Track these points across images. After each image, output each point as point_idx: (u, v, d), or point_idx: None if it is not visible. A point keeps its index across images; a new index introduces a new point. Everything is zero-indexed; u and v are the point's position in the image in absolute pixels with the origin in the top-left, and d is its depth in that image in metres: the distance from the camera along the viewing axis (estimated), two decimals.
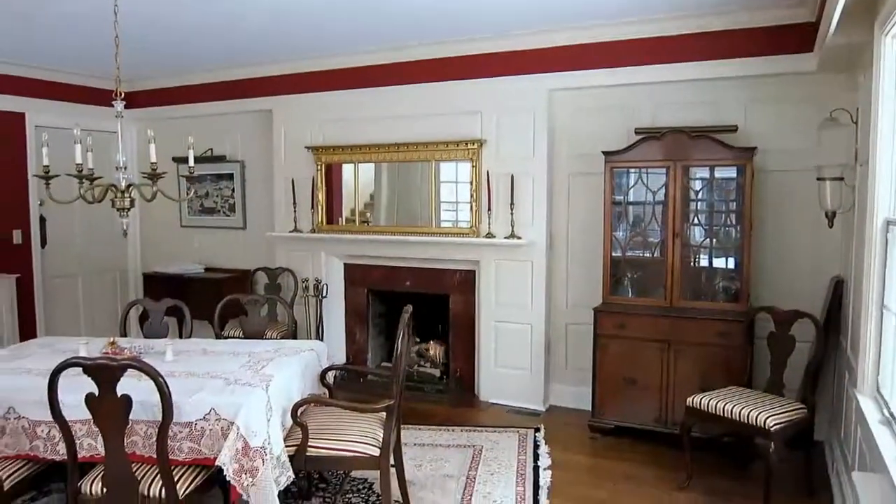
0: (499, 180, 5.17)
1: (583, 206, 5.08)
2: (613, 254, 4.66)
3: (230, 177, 6.63)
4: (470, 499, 3.65)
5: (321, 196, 5.88)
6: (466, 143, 5.24)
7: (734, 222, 4.49)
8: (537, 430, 4.68)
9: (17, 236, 6.10)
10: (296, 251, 6.08)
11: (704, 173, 4.53)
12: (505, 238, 5.14)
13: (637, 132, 4.64)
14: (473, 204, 5.29)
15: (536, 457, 4.21)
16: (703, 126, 4.49)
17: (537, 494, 3.69)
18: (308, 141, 5.91)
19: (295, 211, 5.98)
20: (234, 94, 6.32)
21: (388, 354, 6.15)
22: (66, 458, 2.69)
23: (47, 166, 3.29)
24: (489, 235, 5.21)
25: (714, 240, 4.59)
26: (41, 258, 6.34)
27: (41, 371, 3.13)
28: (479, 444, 4.44)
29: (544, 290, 5.13)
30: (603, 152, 4.60)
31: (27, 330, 6.07)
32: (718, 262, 4.65)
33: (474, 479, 3.90)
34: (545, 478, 3.91)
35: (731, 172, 4.47)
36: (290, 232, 6.01)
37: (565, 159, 5.13)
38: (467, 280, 5.47)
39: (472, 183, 5.27)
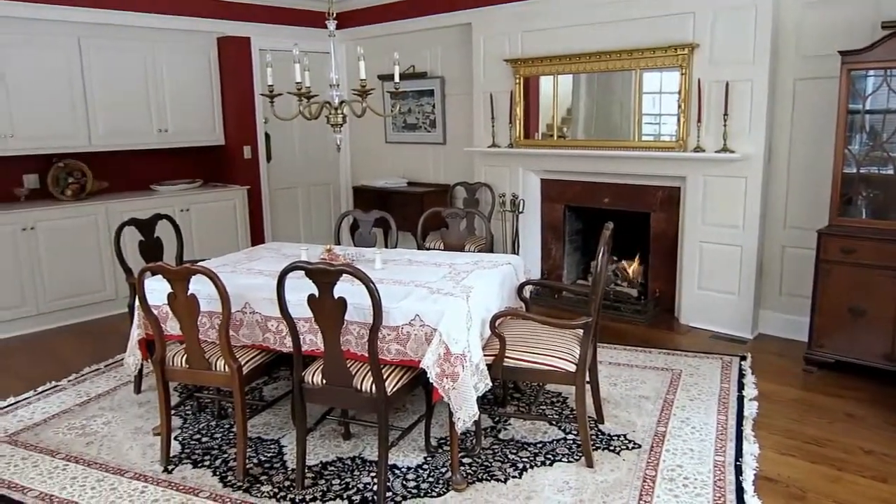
0: (710, 88, 4.75)
1: (809, 115, 4.52)
2: (845, 170, 4.11)
3: (431, 93, 6.76)
4: (667, 422, 3.56)
5: (519, 110, 5.81)
6: (676, 49, 4.84)
7: None
8: (743, 358, 4.42)
9: (247, 151, 6.77)
10: (493, 166, 6.12)
11: None
12: (716, 152, 4.75)
13: (884, 26, 3.97)
14: (681, 115, 4.91)
15: (741, 386, 3.99)
16: None
17: (741, 425, 3.51)
18: (507, 53, 5.82)
19: (493, 126, 5.98)
20: (435, 8, 6.35)
21: (583, 272, 6.09)
22: (292, 350, 3.00)
23: (271, 86, 3.55)
24: (698, 149, 4.84)
25: None
26: (267, 171, 7.01)
27: (271, 272, 3.49)
28: (678, 367, 4.29)
29: (759, 209, 4.70)
30: (840, 52, 4.00)
31: (256, 235, 6.82)
32: None
33: (672, 402, 3.80)
34: (750, 408, 3.69)
35: None
36: (488, 147, 6.04)
37: (791, 62, 4.56)
38: (671, 197, 5.18)
39: (680, 92, 4.89)
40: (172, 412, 3.44)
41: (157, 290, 3.20)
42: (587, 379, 3.22)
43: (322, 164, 7.57)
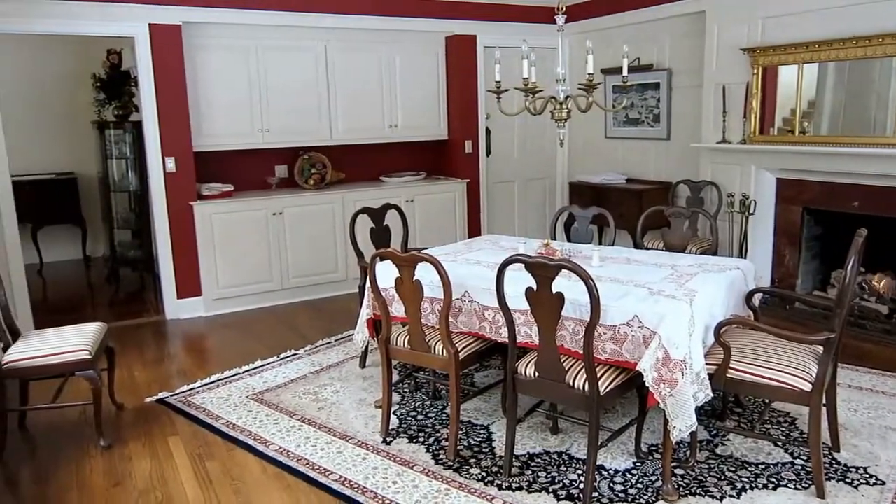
0: None
1: None
2: None
3: (656, 86, 6.50)
4: None
5: (755, 103, 5.37)
6: None
7: None
8: None
9: (468, 146, 7.01)
10: (722, 163, 5.73)
11: None
12: None
13: None
14: None
15: None
16: None
17: None
18: (744, 42, 5.40)
19: (724, 120, 5.61)
20: None
21: (820, 282, 5.51)
22: (507, 340, 3.06)
23: (499, 82, 3.64)
24: None
25: None
26: (486, 165, 7.21)
27: (489, 263, 3.60)
28: None
29: None
30: None
31: (473, 226, 7.06)
32: None
33: None
34: None
35: None
36: (718, 143, 5.67)
37: None
38: None
39: None
40: (392, 388, 3.68)
41: (385, 274, 3.43)
42: (823, 401, 2.91)
43: (539, 159, 7.62)
